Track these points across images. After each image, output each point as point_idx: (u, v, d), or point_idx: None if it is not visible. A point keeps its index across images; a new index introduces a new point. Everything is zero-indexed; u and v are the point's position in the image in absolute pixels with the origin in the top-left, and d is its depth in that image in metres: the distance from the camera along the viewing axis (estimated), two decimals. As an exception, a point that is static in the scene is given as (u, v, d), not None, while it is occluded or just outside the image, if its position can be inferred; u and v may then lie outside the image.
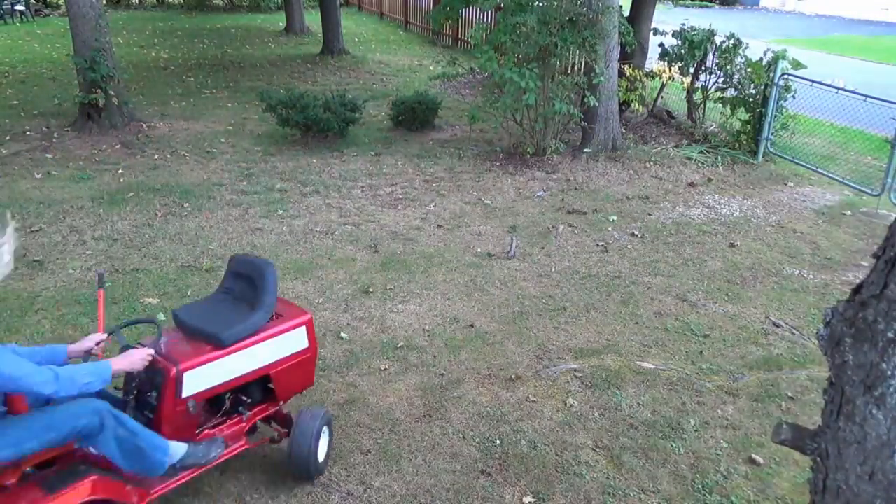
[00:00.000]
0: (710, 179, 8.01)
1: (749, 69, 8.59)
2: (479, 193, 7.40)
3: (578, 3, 8.01)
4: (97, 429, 2.63)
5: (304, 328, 3.31)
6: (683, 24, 9.27)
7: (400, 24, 19.98)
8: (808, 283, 5.58)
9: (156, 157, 8.30)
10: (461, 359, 4.44)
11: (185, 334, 3.10)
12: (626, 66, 9.25)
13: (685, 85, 9.49)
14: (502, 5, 9.01)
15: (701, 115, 9.52)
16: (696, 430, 3.81)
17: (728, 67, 8.84)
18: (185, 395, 2.90)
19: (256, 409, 3.32)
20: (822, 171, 7.97)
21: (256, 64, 14.27)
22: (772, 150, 8.59)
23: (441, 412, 3.92)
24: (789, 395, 4.12)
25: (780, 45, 8.81)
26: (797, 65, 8.38)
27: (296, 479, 3.39)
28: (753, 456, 3.60)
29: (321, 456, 3.36)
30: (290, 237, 6.19)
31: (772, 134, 8.53)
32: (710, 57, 9.09)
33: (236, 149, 8.73)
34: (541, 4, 8.18)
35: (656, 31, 9.84)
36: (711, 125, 9.48)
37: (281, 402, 3.42)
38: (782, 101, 8.42)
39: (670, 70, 9.44)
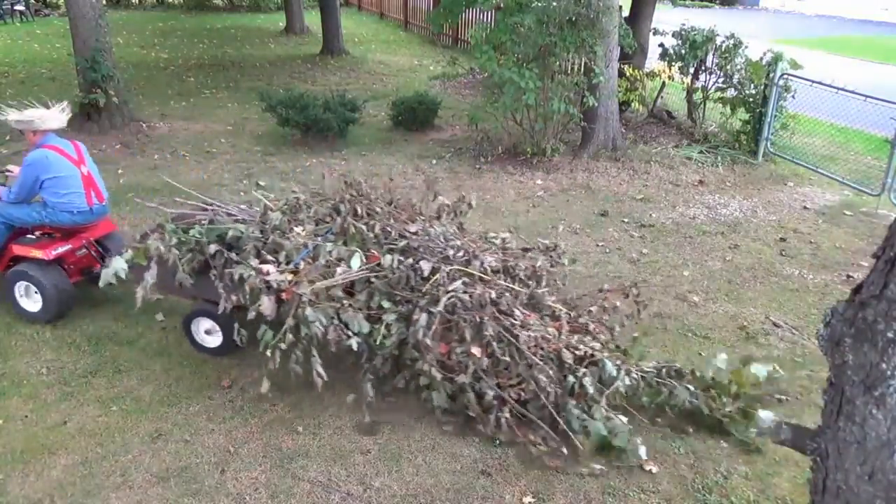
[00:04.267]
0: (709, 180, 8.01)
1: (749, 69, 8.59)
2: (479, 193, 7.39)
3: (578, 3, 8.00)
4: None
5: None
6: (683, 24, 9.27)
7: (400, 24, 19.97)
8: (808, 283, 5.58)
9: (156, 157, 8.30)
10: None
11: None
12: (626, 66, 9.25)
13: (685, 85, 9.49)
14: (502, 5, 9.01)
15: (701, 115, 9.52)
16: (695, 430, 3.81)
17: (728, 67, 8.84)
18: None
19: None
20: (822, 171, 7.97)
21: (256, 64, 14.26)
22: (772, 150, 8.59)
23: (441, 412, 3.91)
24: (789, 395, 4.12)
25: (780, 45, 8.80)
26: (794, 65, 8.38)
27: (294, 479, 3.39)
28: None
29: None
30: (290, 237, 6.18)
31: (772, 134, 8.53)
32: (710, 57, 9.09)
33: (236, 149, 8.73)
34: (540, 4, 8.17)
35: (656, 31, 9.84)
36: (711, 125, 9.47)
37: None
38: (782, 101, 8.42)
39: (670, 70, 9.44)
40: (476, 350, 3.48)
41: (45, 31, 17.83)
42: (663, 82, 9.78)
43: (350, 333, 3.54)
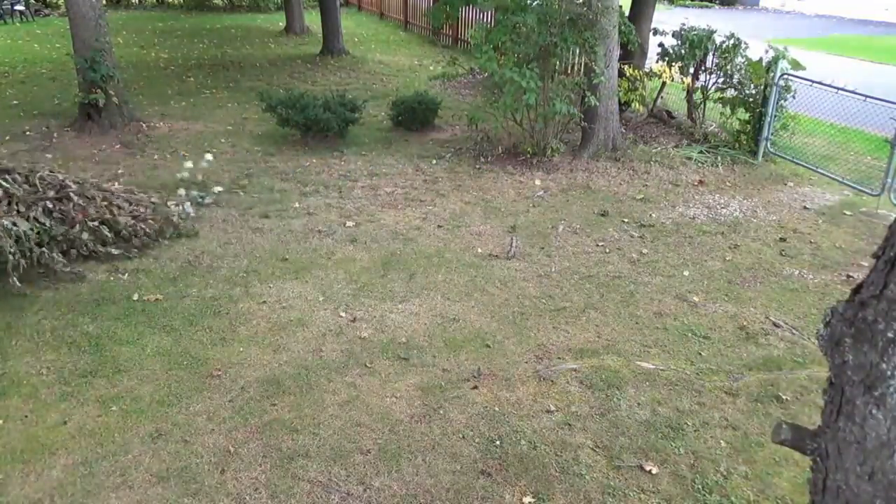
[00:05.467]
0: (709, 180, 8.01)
1: (749, 69, 8.59)
2: (479, 193, 7.40)
3: (578, 3, 8.01)
4: None
5: None
6: (683, 24, 9.27)
7: (400, 24, 19.96)
8: (808, 283, 5.58)
9: (156, 157, 8.30)
10: (461, 359, 4.44)
11: None
12: (626, 66, 9.25)
13: (685, 85, 9.49)
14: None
15: (701, 115, 9.52)
16: (695, 431, 3.81)
17: (728, 67, 8.84)
18: None
19: None
20: (821, 171, 7.97)
21: (256, 64, 14.26)
22: (772, 150, 8.59)
23: (441, 412, 3.92)
24: (789, 395, 4.13)
25: (780, 45, 8.80)
26: (796, 65, 8.38)
27: (294, 479, 3.39)
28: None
29: None
30: (290, 237, 6.19)
31: (772, 134, 8.53)
32: (709, 57, 9.09)
33: (236, 149, 8.73)
34: (540, 4, 8.18)
35: (656, 31, 9.84)
36: (711, 125, 9.47)
37: None
38: (782, 101, 8.42)
39: (670, 70, 9.44)
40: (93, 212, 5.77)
41: (45, 31, 17.83)
42: (663, 82, 9.78)
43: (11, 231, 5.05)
